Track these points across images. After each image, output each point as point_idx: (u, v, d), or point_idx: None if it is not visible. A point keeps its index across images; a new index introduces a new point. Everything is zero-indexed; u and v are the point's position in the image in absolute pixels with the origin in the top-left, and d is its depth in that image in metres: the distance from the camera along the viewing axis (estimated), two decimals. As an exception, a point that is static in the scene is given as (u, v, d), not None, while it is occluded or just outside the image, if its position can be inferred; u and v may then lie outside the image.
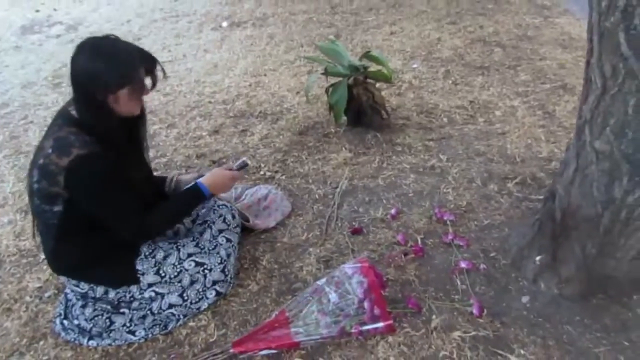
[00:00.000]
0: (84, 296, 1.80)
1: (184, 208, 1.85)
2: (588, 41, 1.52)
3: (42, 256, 2.18)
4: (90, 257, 1.72)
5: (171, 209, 1.82)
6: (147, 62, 1.64)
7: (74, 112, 1.62)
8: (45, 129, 3.22)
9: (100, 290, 1.77)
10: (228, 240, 1.93)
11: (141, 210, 1.70)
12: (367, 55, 2.83)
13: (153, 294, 1.79)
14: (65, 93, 3.84)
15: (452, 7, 5.07)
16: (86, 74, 1.55)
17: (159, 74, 1.69)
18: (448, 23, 4.65)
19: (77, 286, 1.77)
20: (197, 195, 1.83)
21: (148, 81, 1.66)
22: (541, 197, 2.18)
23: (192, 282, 1.82)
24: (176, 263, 1.80)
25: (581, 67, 3.34)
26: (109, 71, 1.54)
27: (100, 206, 1.63)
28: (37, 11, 6.03)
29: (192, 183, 1.85)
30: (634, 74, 1.40)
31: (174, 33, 5.02)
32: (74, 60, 1.56)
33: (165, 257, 1.80)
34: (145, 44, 4.72)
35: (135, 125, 1.77)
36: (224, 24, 5.17)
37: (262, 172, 2.67)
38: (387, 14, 5.04)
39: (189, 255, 1.83)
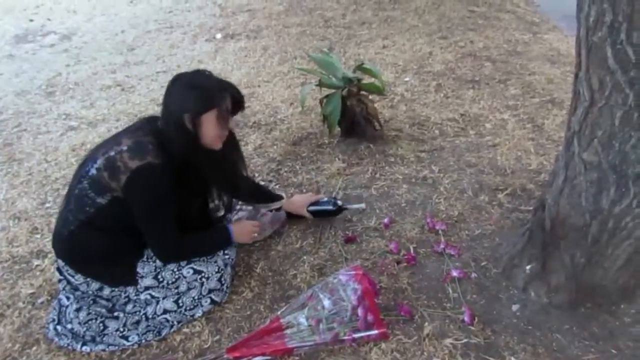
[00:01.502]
0: (75, 290, 1.80)
1: (211, 245, 1.94)
2: (576, 55, 1.57)
3: (36, 262, 2.19)
4: (100, 252, 1.75)
5: (202, 242, 1.92)
6: (233, 92, 1.74)
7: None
8: (39, 136, 3.27)
9: (94, 285, 1.78)
10: (225, 252, 1.96)
11: (177, 235, 1.78)
12: (360, 68, 2.87)
13: (148, 297, 1.80)
14: (58, 102, 3.86)
15: (443, 22, 5.15)
16: (179, 101, 1.67)
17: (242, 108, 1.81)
18: (439, 38, 4.73)
19: (73, 276, 1.78)
20: (226, 237, 1.94)
21: (231, 112, 1.76)
22: (531, 207, 2.22)
23: (189, 289, 1.83)
24: (175, 269, 1.82)
25: (569, 82, 3.41)
26: (200, 96, 1.66)
27: (147, 215, 1.71)
28: (31, 21, 6.04)
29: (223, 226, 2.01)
30: (620, 87, 1.44)
31: (168, 44, 5.05)
32: (169, 89, 1.70)
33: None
34: (139, 54, 4.76)
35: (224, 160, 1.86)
36: (218, 35, 5.21)
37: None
38: (380, 28, 5.11)
39: (188, 262, 1.84)
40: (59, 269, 1.84)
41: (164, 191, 1.68)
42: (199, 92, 1.67)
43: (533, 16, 5.29)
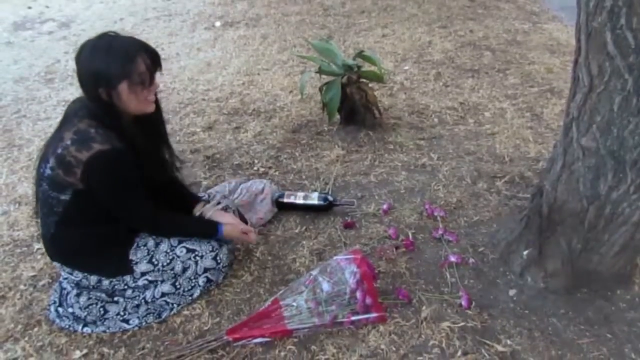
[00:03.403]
0: (78, 284, 1.81)
1: (195, 232, 1.91)
2: (576, 40, 1.57)
3: (37, 246, 2.19)
4: (86, 246, 1.74)
5: (186, 225, 1.91)
6: (144, 54, 1.61)
7: None
8: (38, 123, 3.27)
9: (93, 279, 1.79)
10: None
11: (152, 206, 1.76)
12: (360, 55, 2.87)
13: (146, 282, 1.81)
14: (57, 89, 3.86)
15: (443, 11, 5.14)
16: (87, 74, 1.58)
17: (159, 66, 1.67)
18: (439, 27, 4.72)
19: (71, 274, 1.78)
20: (211, 229, 1.90)
21: (147, 75, 1.62)
22: (529, 195, 2.23)
23: (184, 269, 1.83)
24: (168, 250, 1.82)
25: (568, 71, 3.42)
26: (106, 68, 1.55)
27: (116, 200, 1.68)
28: (29, 8, 6.00)
29: (215, 219, 1.94)
30: (619, 72, 1.45)
31: (167, 32, 5.04)
32: (77, 62, 1.60)
33: (157, 245, 1.82)
34: (139, 42, 4.73)
35: (150, 123, 1.78)
36: (217, 23, 5.19)
37: (255, 168, 2.70)
38: (379, 17, 5.10)
39: (180, 242, 1.85)
40: (63, 275, 1.84)
41: (123, 172, 1.63)
42: (104, 65, 1.54)
43: (533, 6, 5.28)
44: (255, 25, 5.06)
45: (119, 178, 1.63)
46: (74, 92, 3.76)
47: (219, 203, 2.05)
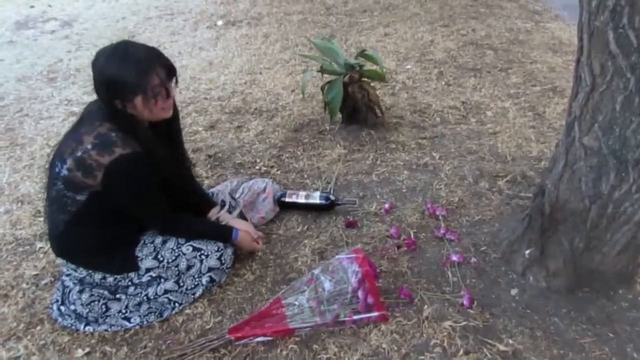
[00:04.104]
0: (81, 281, 1.82)
1: (210, 235, 1.93)
2: (578, 40, 1.57)
3: (39, 244, 2.20)
4: (95, 245, 1.75)
5: (201, 228, 1.94)
6: (159, 68, 1.62)
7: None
8: (41, 122, 3.27)
9: (97, 276, 1.79)
10: None
11: (169, 209, 1.79)
12: (362, 54, 2.87)
13: (150, 278, 1.82)
14: (60, 87, 3.86)
15: (445, 10, 5.14)
16: (102, 85, 1.60)
17: (174, 78, 1.68)
18: (441, 26, 4.72)
19: (75, 270, 1.79)
20: (226, 234, 1.94)
21: (161, 89, 1.62)
22: (531, 194, 2.23)
23: (189, 267, 1.84)
24: (174, 247, 1.83)
25: (571, 70, 3.41)
26: (121, 82, 1.56)
27: (135, 203, 1.71)
28: (32, 7, 6.01)
29: (230, 226, 1.98)
30: (622, 71, 1.45)
31: (169, 31, 5.04)
32: (93, 69, 1.61)
33: (164, 242, 1.84)
34: (140, 41, 4.72)
35: (166, 127, 1.80)
36: (219, 22, 5.19)
37: (257, 167, 2.71)
38: (381, 16, 5.10)
39: (187, 240, 1.86)
40: (66, 272, 1.85)
41: (144, 176, 1.65)
42: (119, 79, 1.56)
43: (535, 5, 5.28)
44: (257, 24, 5.07)
45: (139, 181, 1.66)
46: (76, 91, 3.77)
47: (230, 211, 2.09)
